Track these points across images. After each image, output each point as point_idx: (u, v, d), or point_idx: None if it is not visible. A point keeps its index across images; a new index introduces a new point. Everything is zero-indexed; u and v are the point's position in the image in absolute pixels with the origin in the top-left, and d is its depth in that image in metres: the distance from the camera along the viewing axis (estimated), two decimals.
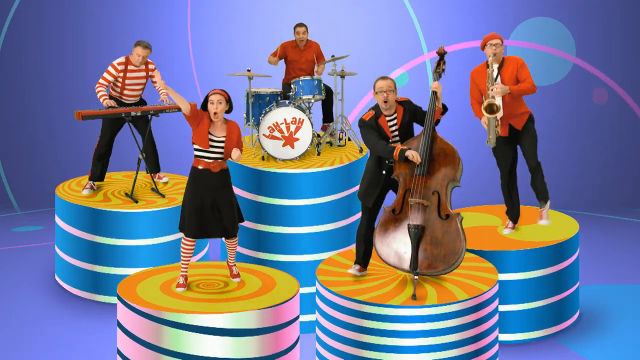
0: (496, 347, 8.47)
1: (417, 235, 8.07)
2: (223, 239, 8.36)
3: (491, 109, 9.21)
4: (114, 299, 10.25)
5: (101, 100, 10.41)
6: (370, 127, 8.20)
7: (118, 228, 10.25)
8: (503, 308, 9.34)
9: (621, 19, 14.09)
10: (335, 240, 10.27)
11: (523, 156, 9.54)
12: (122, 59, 10.49)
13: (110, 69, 10.43)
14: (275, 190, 10.14)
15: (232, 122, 8.16)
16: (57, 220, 10.65)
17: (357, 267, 8.55)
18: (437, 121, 8.26)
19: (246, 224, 10.14)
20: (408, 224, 8.12)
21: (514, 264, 9.34)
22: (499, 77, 9.35)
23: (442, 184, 8.10)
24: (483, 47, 9.37)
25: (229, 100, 8.12)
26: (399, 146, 8.10)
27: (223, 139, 8.07)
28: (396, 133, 8.26)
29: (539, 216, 9.56)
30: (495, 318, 8.40)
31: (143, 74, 10.55)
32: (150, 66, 10.57)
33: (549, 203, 9.53)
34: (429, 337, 7.97)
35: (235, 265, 8.42)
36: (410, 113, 8.26)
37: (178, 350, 7.70)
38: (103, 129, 10.68)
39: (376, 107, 8.28)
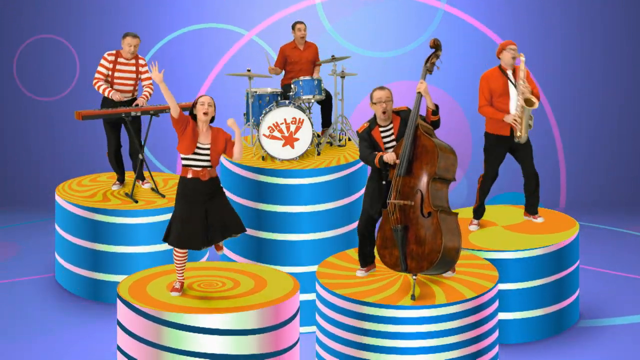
0: (496, 349, 8.48)
1: (401, 236, 8.10)
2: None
3: (529, 102, 9.51)
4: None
5: (103, 92, 10.37)
6: (362, 139, 8.31)
7: (118, 228, 10.25)
8: (503, 287, 9.37)
9: (623, 20, 14.09)
10: (334, 248, 10.28)
11: (519, 163, 9.77)
12: (112, 51, 10.49)
13: (102, 60, 10.45)
14: (274, 198, 10.18)
15: (217, 129, 8.09)
16: (57, 229, 10.66)
17: (363, 268, 8.62)
18: (434, 122, 8.29)
19: (248, 203, 10.18)
20: (392, 226, 8.15)
21: (514, 270, 9.35)
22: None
23: (424, 181, 8.12)
24: (500, 52, 9.61)
25: (214, 106, 8.10)
26: (379, 153, 8.17)
27: (208, 146, 8.00)
28: (392, 144, 8.31)
29: (534, 217, 10.03)
30: (496, 318, 8.41)
31: (133, 68, 10.51)
32: (141, 61, 10.53)
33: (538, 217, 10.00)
34: (429, 339, 7.98)
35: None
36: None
37: (178, 347, 7.73)
38: (106, 133, 10.67)
39: (372, 119, 8.36)
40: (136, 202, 10.46)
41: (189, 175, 7.97)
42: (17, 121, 14.22)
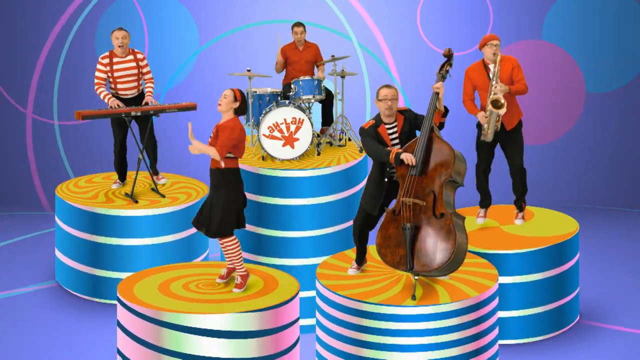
0: (496, 347, 8.48)
1: (411, 235, 8.11)
2: None
3: (497, 104, 9.41)
4: (113, 302, 10.25)
5: (105, 99, 10.38)
6: (369, 135, 8.31)
7: (118, 228, 10.25)
8: (503, 314, 9.37)
9: (623, 21, 14.09)
10: (335, 244, 10.27)
11: (506, 158, 9.77)
12: (105, 53, 10.46)
13: (97, 65, 10.43)
14: (275, 191, 10.17)
15: (228, 122, 8.07)
16: (57, 221, 10.66)
17: (355, 265, 8.62)
18: (441, 124, 8.30)
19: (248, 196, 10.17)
20: (402, 224, 8.16)
21: (513, 264, 9.35)
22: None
23: (438, 183, 8.14)
24: (482, 46, 9.60)
25: (238, 99, 8.08)
26: (394, 150, 8.17)
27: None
28: (396, 141, 8.33)
29: (515, 216, 9.98)
30: (495, 317, 8.41)
31: (133, 64, 10.47)
32: (139, 55, 10.49)
33: (523, 213, 9.96)
34: (428, 337, 7.99)
35: (235, 272, 8.22)
36: (411, 122, 8.33)
37: (178, 350, 7.72)
38: (113, 132, 10.66)
39: (377, 116, 8.38)
40: (136, 202, 10.46)
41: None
42: (16, 121, 14.23)
